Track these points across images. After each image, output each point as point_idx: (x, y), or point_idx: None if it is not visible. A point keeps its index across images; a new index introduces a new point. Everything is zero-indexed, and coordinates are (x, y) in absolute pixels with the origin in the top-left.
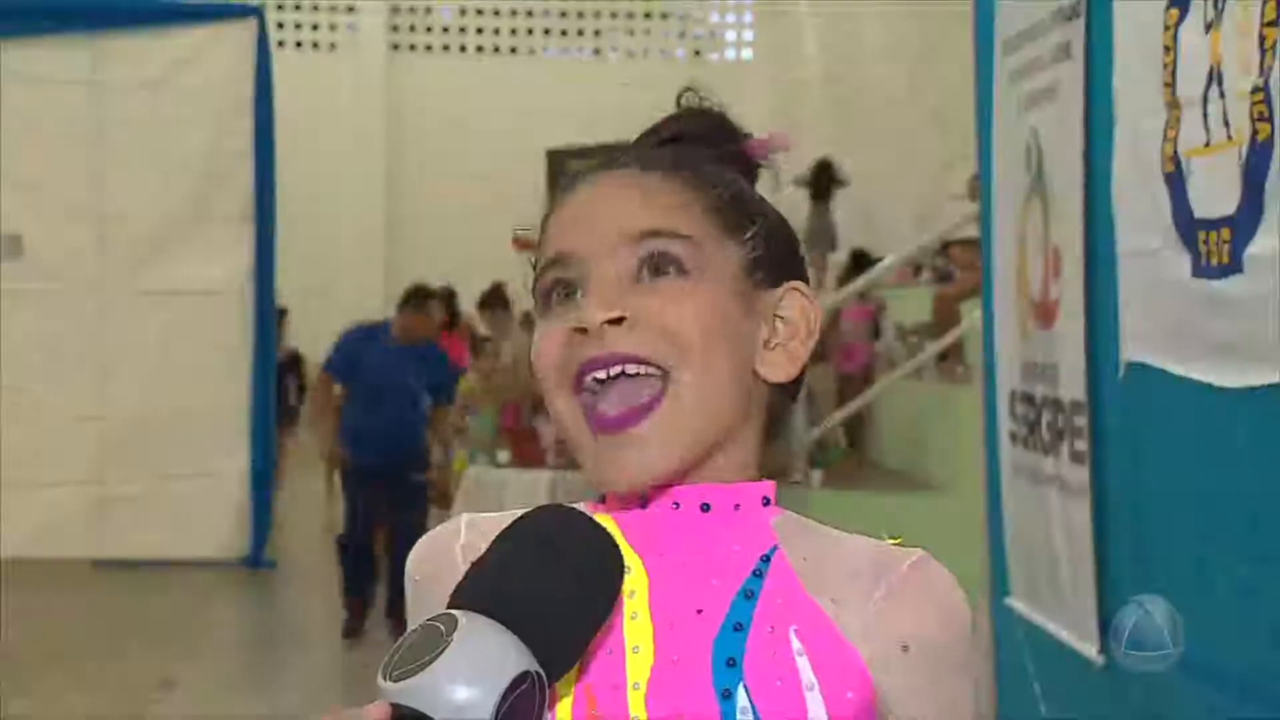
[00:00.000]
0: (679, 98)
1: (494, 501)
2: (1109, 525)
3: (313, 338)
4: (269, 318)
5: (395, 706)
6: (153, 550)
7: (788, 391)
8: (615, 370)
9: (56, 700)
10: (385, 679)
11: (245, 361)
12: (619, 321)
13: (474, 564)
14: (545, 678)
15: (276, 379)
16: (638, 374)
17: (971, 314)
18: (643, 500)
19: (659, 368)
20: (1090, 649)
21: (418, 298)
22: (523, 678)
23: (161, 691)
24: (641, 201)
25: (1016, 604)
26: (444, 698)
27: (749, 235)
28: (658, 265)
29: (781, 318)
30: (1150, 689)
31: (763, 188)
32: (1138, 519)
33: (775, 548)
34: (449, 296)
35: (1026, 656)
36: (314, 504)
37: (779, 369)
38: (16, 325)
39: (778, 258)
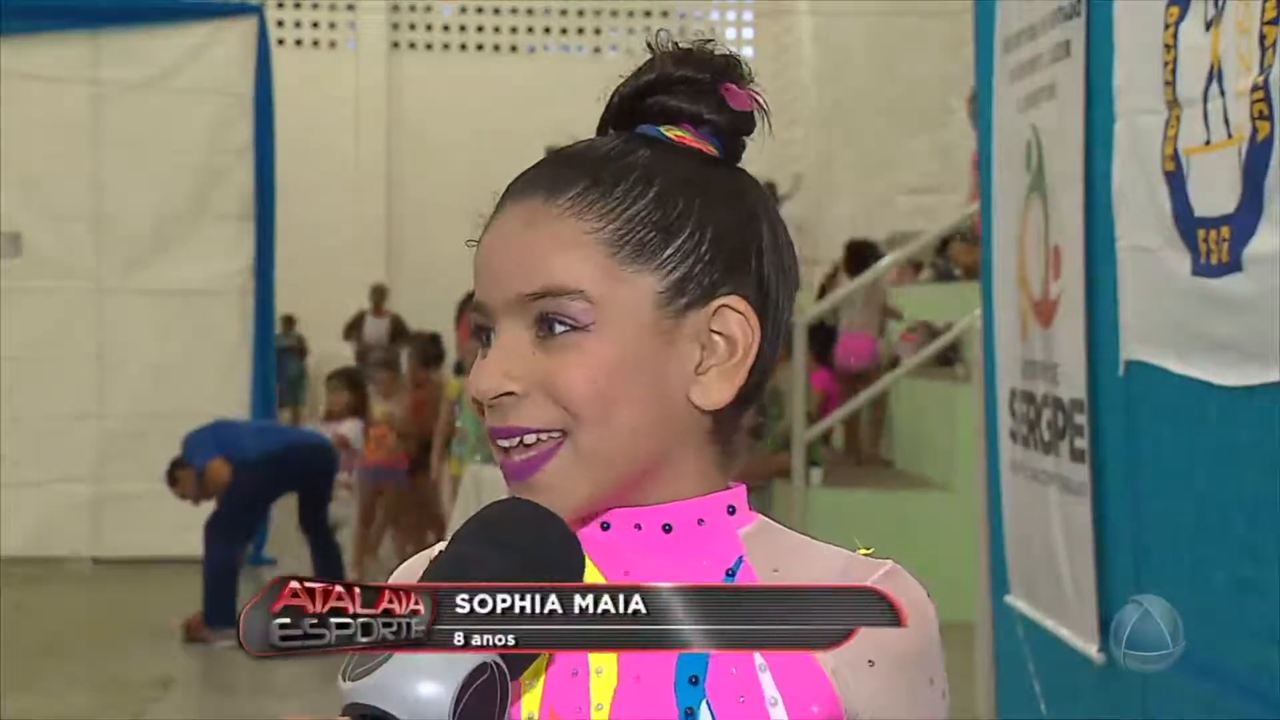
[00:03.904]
0: (649, 44)
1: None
2: (1109, 524)
3: (312, 338)
4: (269, 317)
5: (354, 706)
6: (152, 548)
7: (741, 403)
8: (514, 441)
9: (56, 698)
10: (344, 679)
11: (245, 361)
12: (510, 394)
13: (430, 562)
14: (505, 670)
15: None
16: (535, 441)
17: (972, 313)
18: (604, 524)
19: (557, 431)
20: (1090, 648)
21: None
22: (481, 668)
23: (160, 690)
24: (537, 251)
25: (1016, 603)
26: (401, 692)
27: (669, 254)
28: (551, 324)
29: (718, 333)
30: (1150, 689)
31: None
32: (1138, 518)
33: (741, 560)
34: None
35: (1026, 655)
36: None
37: (713, 394)
38: (16, 324)
39: (710, 269)
